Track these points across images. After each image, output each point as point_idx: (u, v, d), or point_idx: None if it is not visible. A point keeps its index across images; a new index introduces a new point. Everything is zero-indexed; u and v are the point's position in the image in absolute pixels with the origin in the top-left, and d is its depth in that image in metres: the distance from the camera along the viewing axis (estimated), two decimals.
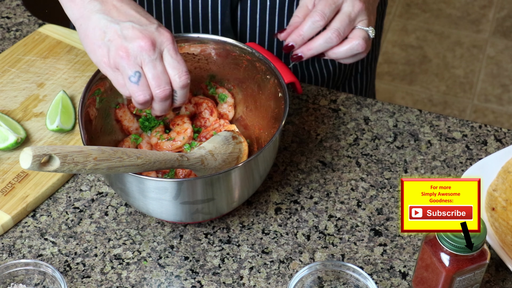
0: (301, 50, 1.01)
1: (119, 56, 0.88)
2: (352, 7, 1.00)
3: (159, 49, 0.89)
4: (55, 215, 1.02)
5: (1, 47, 1.26)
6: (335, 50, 1.01)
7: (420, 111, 1.17)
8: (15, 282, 0.92)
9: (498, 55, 2.74)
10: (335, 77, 1.27)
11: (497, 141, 1.13)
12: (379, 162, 1.09)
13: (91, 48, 0.91)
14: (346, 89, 1.33)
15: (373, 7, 1.05)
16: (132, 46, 0.88)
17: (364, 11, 1.01)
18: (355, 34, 1.01)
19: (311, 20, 0.99)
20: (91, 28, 0.90)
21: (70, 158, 0.79)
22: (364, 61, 1.31)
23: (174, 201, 0.92)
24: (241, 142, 1.02)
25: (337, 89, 1.31)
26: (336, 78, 1.28)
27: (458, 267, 0.85)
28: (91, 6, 0.91)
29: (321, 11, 0.99)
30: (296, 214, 1.03)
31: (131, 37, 0.88)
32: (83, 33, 0.91)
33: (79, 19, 0.92)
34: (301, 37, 1.01)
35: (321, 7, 0.99)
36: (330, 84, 1.28)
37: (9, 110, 1.14)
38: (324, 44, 1.00)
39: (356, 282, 0.91)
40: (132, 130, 1.06)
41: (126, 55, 0.88)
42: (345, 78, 1.31)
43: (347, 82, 1.32)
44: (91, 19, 0.90)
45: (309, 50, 1.01)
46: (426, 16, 2.88)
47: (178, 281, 0.96)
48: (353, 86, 1.33)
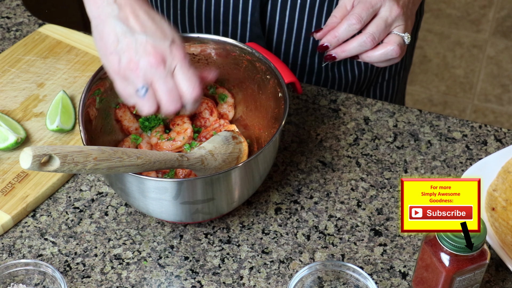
0: (335, 51, 1.02)
1: (129, 68, 0.89)
2: (390, 12, 1.00)
3: (169, 66, 0.89)
4: (55, 215, 1.02)
5: (1, 47, 1.26)
6: (369, 54, 1.02)
7: (420, 111, 1.17)
8: (15, 282, 0.92)
9: (498, 55, 2.74)
10: (359, 82, 1.27)
11: (497, 141, 1.13)
12: (379, 162, 1.09)
13: (104, 52, 0.91)
14: (370, 96, 1.33)
15: (412, 12, 1.05)
16: (142, 62, 0.88)
17: (401, 17, 1.01)
18: (391, 40, 1.01)
19: (348, 23, 1.00)
20: (106, 33, 0.90)
21: (70, 158, 0.79)
22: (392, 68, 1.31)
23: (174, 201, 0.92)
24: (241, 142, 1.02)
25: (361, 94, 1.31)
26: (361, 84, 1.28)
27: (458, 267, 0.85)
28: (109, 9, 0.90)
29: (358, 15, 0.99)
30: (296, 214, 1.03)
31: (142, 52, 0.88)
32: (98, 35, 0.91)
33: (96, 18, 0.92)
34: (336, 39, 1.01)
35: (359, 10, 1.00)
36: (354, 89, 1.28)
37: (9, 110, 1.14)
38: (358, 48, 1.01)
39: (356, 282, 0.91)
40: (132, 130, 1.06)
41: (136, 68, 0.88)
42: (371, 84, 1.31)
43: (372, 88, 1.32)
44: (107, 23, 0.90)
45: (343, 52, 1.02)
46: (426, 16, 2.88)
47: (178, 281, 0.96)
48: (378, 93, 1.33)
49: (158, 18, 0.91)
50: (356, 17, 0.99)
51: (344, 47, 1.02)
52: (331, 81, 1.25)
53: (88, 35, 1.26)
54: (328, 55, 1.03)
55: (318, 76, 1.24)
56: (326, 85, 1.25)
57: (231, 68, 1.07)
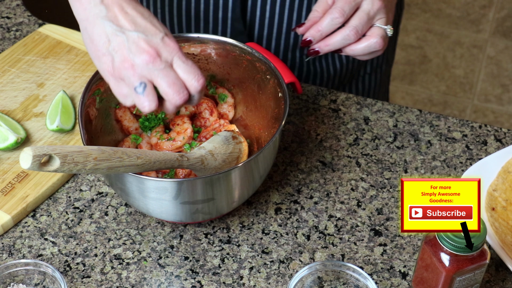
0: (319, 46, 1.02)
1: (124, 68, 0.86)
2: (372, 5, 1.01)
3: (166, 59, 0.87)
4: (55, 215, 1.02)
5: (1, 47, 1.26)
6: (353, 47, 1.02)
7: (420, 111, 1.17)
8: (15, 282, 0.92)
9: (498, 55, 2.74)
10: (341, 76, 1.28)
11: (497, 141, 1.13)
12: (379, 162, 1.09)
13: (95, 55, 0.89)
14: (352, 89, 1.33)
15: (392, 5, 1.06)
16: (137, 59, 0.86)
17: (383, 9, 1.02)
18: (373, 32, 1.02)
19: (331, 17, 1.00)
20: (96, 34, 0.88)
21: (70, 158, 0.79)
22: (374, 61, 1.32)
23: (174, 201, 0.92)
24: (241, 142, 1.02)
25: (343, 88, 1.31)
26: (342, 77, 1.28)
27: (458, 267, 0.85)
28: (96, 10, 0.88)
29: (341, 8, 1.00)
30: (296, 214, 1.03)
31: (136, 49, 0.86)
32: (87, 37, 0.90)
33: (84, 21, 0.90)
34: (320, 33, 1.01)
35: (341, 4, 1.00)
36: (336, 82, 1.28)
37: (9, 110, 1.14)
38: (341, 41, 1.01)
39: (356, 282, 0.91)
40: (132, 130, 1.06)
41: (131, 67, 0.86)
42: (352, 78, 1.31)
43: (354, 81, 1.32)
44: (96, 25, 0.88)
45: (327, 46, 1.02)
46: (426, 16, 2.88)
47: (178, 281, 0.96)
48: (360, 87, 1.33)
49: (147, 13, 0.90)
50: (339, 11, 1.00)
51: (327, 41, 1.02)
52: (313, 75, 1.25)
53: None
54: (311, 50, 1.03)
55: (300, 71, 1.25)
56: (308, 79, 1.26)
57: (231, 68, 1.07)
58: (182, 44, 1.04)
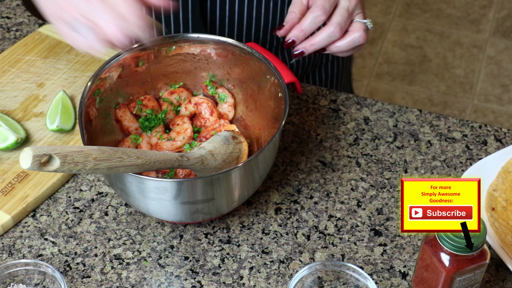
0: (303, 46, 1.02)
1: (63, 8, 0.89)
2: (349, 1, 1.02)
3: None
4: (55, 215, 1.02)
5: (1, 47, 1.26)
6: (337, 44, 1.03)
7: (420, 111, 1.17)
8: (15, 282, 0.92)
9: (498, 55, 2.74)
10: (304, 66, 1.28)
11: (497, 141, 1.13)
12: (379, 162, 1.09)
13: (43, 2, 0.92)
14: (316, 78, 1.34)
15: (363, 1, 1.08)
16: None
17: (359, 4, 1.03)
18: (355, 27, 1.03)
19: (313, 15, 1.01)
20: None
21: (70, 158, 0.79)
22: None
23: (174, 201, 0.92)
24: (241, 142, 1.02)
25: (307, 77, 1.32)
26: (306, 66, 1.29)
27: (458, 267, 0.85)
28: None
29: (322, 6, 1.00)
30: (296, 214, 1.03)
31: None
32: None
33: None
34: (303, 32, 1.02)
35: (321, 2, 1.01)
36: (300, 72, 1.28)
37: (9, 110, 1.14)
38: (327, 39, 1.01)
39: (356, 282, 0.91)
40: (132, 130, 1.06)
41: (69, 5, 0.88)
42: (315, 66, 1.32)
43: (317, 70, 1.33)
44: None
45: (312, 45, 1.02)
46: (426, 16, 2.88)
47: (178, 281, 0.96)
48: (323, 75, 1.34)
49: None
50: (321, 9, 1.00)
51: (312, 40, 1.02)
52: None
53: None
54: (295, 51, 1.03)
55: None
56: None
57: (231, 68, 1.07)
58: (182, 44, 1.04)
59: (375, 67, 2.68)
